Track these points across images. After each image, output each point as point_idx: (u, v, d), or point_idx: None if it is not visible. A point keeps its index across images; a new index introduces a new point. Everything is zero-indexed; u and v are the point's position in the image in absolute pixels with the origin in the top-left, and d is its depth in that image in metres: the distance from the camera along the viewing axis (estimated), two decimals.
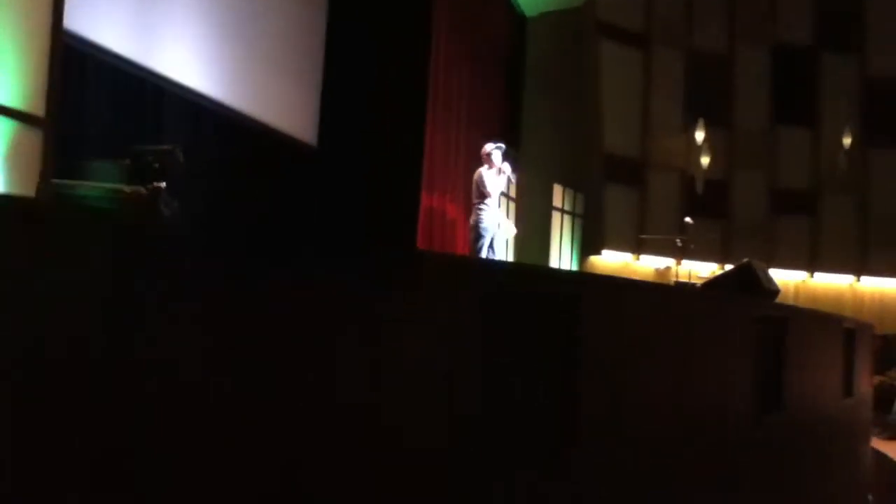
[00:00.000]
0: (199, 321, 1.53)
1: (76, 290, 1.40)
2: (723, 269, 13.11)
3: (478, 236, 7.17)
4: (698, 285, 9.15)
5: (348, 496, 1.67)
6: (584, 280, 2.95)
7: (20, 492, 1.31)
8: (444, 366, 1.88)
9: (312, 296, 1.67)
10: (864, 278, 15.02)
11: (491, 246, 7.20)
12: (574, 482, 2.16)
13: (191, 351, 1.52)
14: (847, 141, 13.75)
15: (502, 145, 7.48)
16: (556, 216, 13.43)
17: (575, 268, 13.81)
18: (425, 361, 1.84)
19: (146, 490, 1.44)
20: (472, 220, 7.34)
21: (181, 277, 1.50)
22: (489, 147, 7.38)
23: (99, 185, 4.27)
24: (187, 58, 6.83)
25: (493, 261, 6.67)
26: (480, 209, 7.18)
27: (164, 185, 4.40)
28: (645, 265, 14.09)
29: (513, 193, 12.41)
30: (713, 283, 5.16)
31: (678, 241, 11.43)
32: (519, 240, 12.73)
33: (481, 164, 7.38)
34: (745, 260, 4.59)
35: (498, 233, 7.29)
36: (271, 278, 1.62)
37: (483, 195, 7.19)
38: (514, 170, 7.58)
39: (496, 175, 7.26)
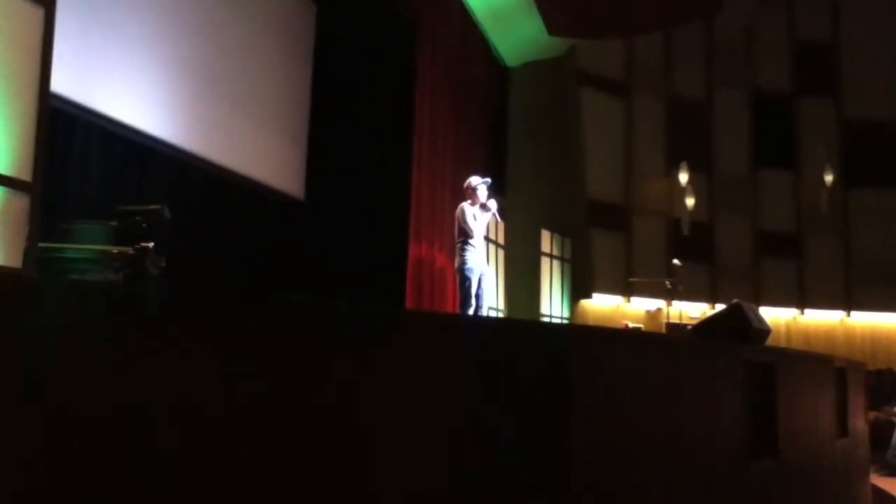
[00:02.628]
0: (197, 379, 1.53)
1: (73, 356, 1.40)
2: (713, 308, 13.16)
3: (464, 278, 6.64)
4: (689, 327, 9.16)
5: None
6: (573, 333, 2.96)
7: None
8: (441, 418, 1.88)
9: (313, 352, 1.67)
10: (854, 313, 15.09)
11: (479, 287, 6.67)
12: None
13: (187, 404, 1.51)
14: (828, 179, 13.96)
15: (488, 179, 6.97)
16: (544, 261, 13.48)
17: (566, 312, 13.81)
18: (422, 414, 1.84)
19: None
20: (456, 263, 6.80)
21: (175, 339, 1.51)
22: (475, 181, 6.87)
23: (86, 247, 4.27)
24: (173, 116, 6.90)
25: (485, 318, 6.23)
26: (464, 250, 6.67)
27: (151, 244, 4.41)
28: (636, 307, 14.13)
29: (501, 238, 12.47)
30: (704, 325, 5.17)
31: (667, 283, 11.49)
32: (509, 286, 12.76)
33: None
34: (735, 301, 4.60)
35: (485, 273, 6.78)
36: (267, 338, 1.62)
37: (465, 233, 6.67)
38: (501, 213, 7.09)
39: (480, 212, 6.77)
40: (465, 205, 6.83)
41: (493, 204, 6.83)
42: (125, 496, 1.44)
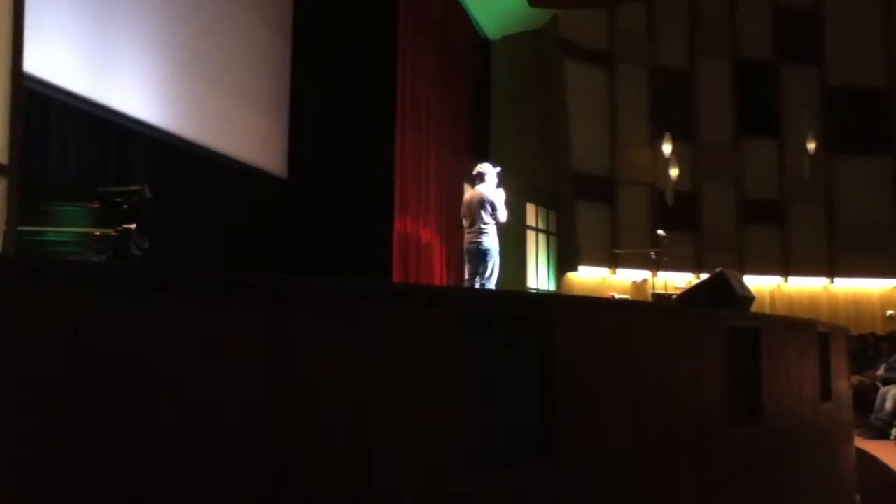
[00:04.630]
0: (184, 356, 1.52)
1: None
2: (698, 278, 13.23)
3: (489, 258, 6.48)
4: (674, 296, 9.21)
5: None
6: (558, 302, 2.97)
7: None
8: (429, 387, 1.88)
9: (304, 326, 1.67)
10: (836, 280, 15.24)
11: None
12: (554, 492, 2.17)
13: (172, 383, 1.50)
14: (811, 146, 14.01)
15: (499, 168, 6.84)
16: (530, 234, 13.50)
17: (552, 285, 13.86)
18: (412, 380, 1.84)
19: None
20: (474, 244, 6.55)
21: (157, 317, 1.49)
22: (488, 168, 6.74)
23: (68, 229, 4.23)
24: (151, 96, 6.80)
25: (476, 289, 6.13)
26: (486, 231, 6.50)
27: (133, 225, 4.37)
28: (622, 279, 14.19)
29: None
30: (688, 294, 5.20)
31: (652, 254, 11.53)
32: None
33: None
34: (719, 269, 4.62)
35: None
36: (253, 316, 1.61)
37: (496, 216, 6.49)
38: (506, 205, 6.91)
39: None
40: (494, 188, 6.66)
41: (501, 193, 6.66)
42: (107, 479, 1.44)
